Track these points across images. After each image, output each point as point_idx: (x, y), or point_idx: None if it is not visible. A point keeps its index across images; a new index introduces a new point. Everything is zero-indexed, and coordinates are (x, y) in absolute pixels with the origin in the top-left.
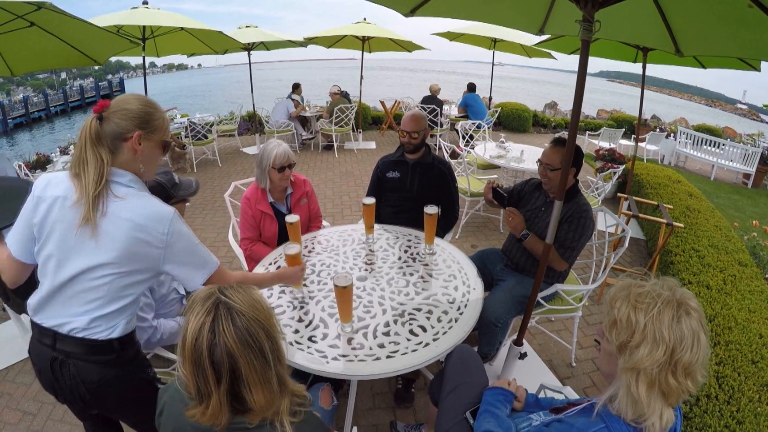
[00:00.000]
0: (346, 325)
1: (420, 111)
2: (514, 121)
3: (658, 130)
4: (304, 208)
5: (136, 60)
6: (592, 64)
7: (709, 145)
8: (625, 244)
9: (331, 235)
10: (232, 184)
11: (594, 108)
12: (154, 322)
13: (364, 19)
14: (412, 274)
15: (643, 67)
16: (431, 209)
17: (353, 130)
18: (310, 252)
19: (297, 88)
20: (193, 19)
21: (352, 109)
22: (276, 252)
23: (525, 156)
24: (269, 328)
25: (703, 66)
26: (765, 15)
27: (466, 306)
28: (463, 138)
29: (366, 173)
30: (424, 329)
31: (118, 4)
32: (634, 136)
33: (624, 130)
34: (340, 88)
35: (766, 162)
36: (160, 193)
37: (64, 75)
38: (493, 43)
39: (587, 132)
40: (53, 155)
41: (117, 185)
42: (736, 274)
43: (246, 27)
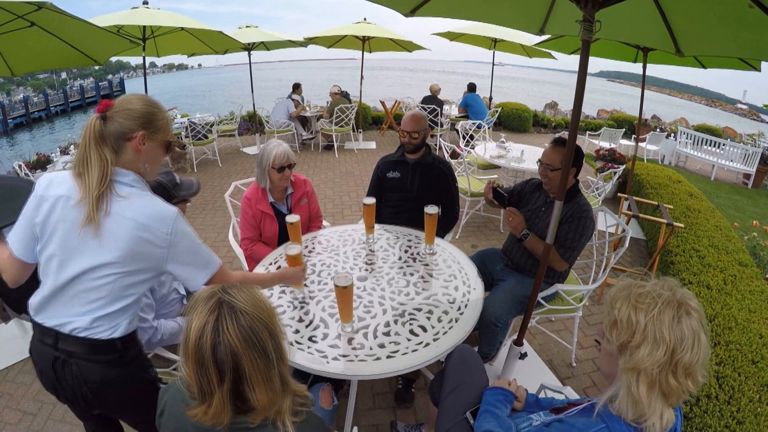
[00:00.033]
0: (347, 325)
1: (420, 111)
2: (514, 121)
3: (658, 130)
4: (304, 208)
5: (136, 60)
6: (592, 64)
7: (710, 145)
8: (626, 244)
9: (332, 235)
10: (233, 184)
11: (594, 108)
12: (154, 322)
13: (365, 19)
14: (412, 274)
15: (644, 67)
16: (431, 209)
17: (353, 130)
18: (310, 252)
19: (297, 88)
20: (193, 19)
21: (353, 109)
22: (276, 252)
23: (525, 156)
24: (272, 327)
25: (703, 66)
26: (765, 15)
27: (466, 306)
28: (464, 138)
29: (366, 173)
30: (425, 329)
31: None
32: (634, 136)
33: (624, 130)
34: (340, 88)
35: (767, 162)
36: (162, 194)
37: (64, 75)
38: (494, 43)
39: (587, 132)
40: (53, 155)
41: (120, 185)
42: (737, 274)
43: (246, 27)
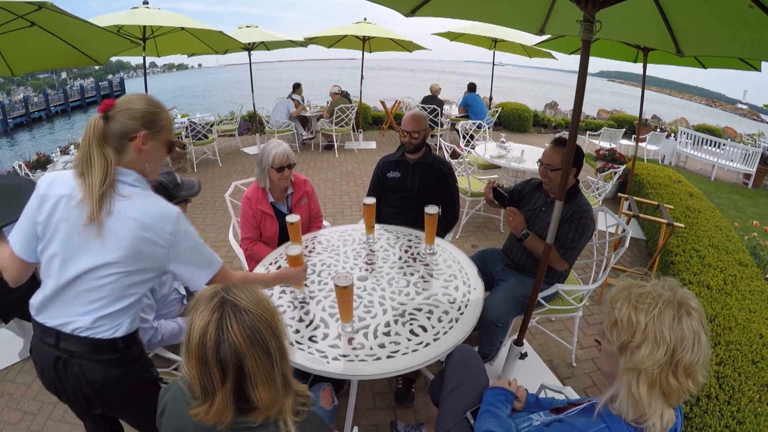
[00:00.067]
0: (347, 325)
1: (420, 111)
2: (514, 121)
3: (658, 130)
4: (304, 207)
5: (136, 60)
6: (592, 64)
7: (710, 145)
8: (626, 244)
9: (332, 235)
10: (233, 184)
11: (594, 108)
12: (154, 323)
13: (365, 19)
14: (412, 274)
15: (644, 67)
16: (432, 209)
17: (353, 130)
18: (310, 252)
19: (297, 88)
20: (193, 19)
21: (353, 109)
22: (276, 252)
23: (525, 156)
24: (275, 326)
25: (703, 66)
26: (765, 15)
27: (466, 306)
28: (464, 138)
29: (366, 173)
30: (425, 329)
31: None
32: (634, 136)
33: (624, 130)
34: (340, 88)
35: (767, 162)
36: (163, 194)
37: (64, 75)
38: (494, 43)
39: (588, 132)
40: (53, 155)
41: (122, 184)
42: (737, 274)
43: (246, 27)
